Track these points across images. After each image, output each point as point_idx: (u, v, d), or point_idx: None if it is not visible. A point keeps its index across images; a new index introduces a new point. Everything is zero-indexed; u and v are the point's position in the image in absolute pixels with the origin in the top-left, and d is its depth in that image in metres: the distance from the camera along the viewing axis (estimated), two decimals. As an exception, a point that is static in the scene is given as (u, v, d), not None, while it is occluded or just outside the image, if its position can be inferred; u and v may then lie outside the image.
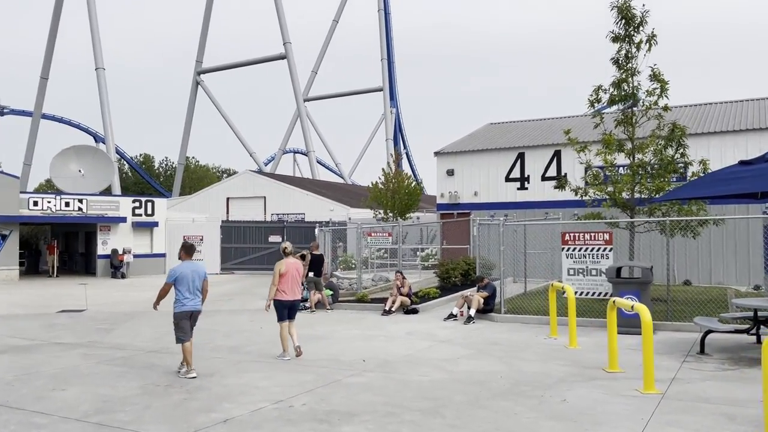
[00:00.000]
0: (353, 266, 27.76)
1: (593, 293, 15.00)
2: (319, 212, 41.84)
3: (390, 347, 12.65)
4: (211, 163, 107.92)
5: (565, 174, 23.76)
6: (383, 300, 19.25)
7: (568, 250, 15.37)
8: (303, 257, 22.43)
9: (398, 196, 31.61)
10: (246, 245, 33.58)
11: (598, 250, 15.01)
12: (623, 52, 16.88)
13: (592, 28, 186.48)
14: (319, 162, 74.71)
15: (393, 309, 17.32)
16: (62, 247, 37.10)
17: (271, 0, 68.42)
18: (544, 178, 24.04)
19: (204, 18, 73.23)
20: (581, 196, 17.52)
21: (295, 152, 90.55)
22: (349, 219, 31.23)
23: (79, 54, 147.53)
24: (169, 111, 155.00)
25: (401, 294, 17.71)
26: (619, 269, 13.93)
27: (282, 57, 68.45)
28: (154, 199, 33.39)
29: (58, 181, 32.91)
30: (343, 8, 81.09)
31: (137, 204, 32.42)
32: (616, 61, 17.09)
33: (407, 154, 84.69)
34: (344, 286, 22.28)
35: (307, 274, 18.26)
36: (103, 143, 62.83)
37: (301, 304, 19.05)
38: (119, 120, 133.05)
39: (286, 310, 11.17)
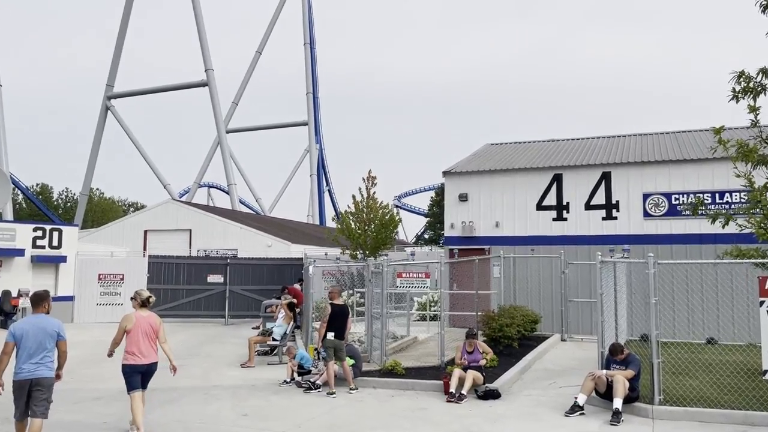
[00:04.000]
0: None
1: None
2: (254, 248, 34.66)
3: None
4: (116, 195, 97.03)
5: (617, 202, 18.10)
6: (422, 371, 12.71)
7: (773, 304, 9.36)
8: (292, 307, 15.50)
9: (371, 228, 25.09)
10: (179, 286, 25.86)
11: (824, 304, 9.09)
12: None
13: (503, 77, 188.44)
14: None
15: (464, 391, 10.72)
16: (-65, 286, 27.83)
17: (192, 25, 61.42)
18: (588, 207, 18.23)
19: (117, 39, 64.59)
20: (723, 224, 11.67)
21: (209, 186, 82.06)
22: (326, 254, 24.43)
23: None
24: (72, 138, 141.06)
25: (471, 366, 11.20)
26: None
27: (203, 84, 61.23)
28: (62, 227, 25.22)
29: (-67, 202, 24.29)
30: (267, 40, 74.42)
31: (40, 233, 24.19)
32: (777, 31, 11.50)
33: (330, 191, 78.19)
34: None
35: (326, 335, 11.37)
36: (-4, 168, 52.69)
37: (305, 380, 12.15)
38: (13, 146, 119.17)
39: (139, 377, 8.50)
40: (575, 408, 9.64)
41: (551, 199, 18.62)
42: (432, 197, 60.97)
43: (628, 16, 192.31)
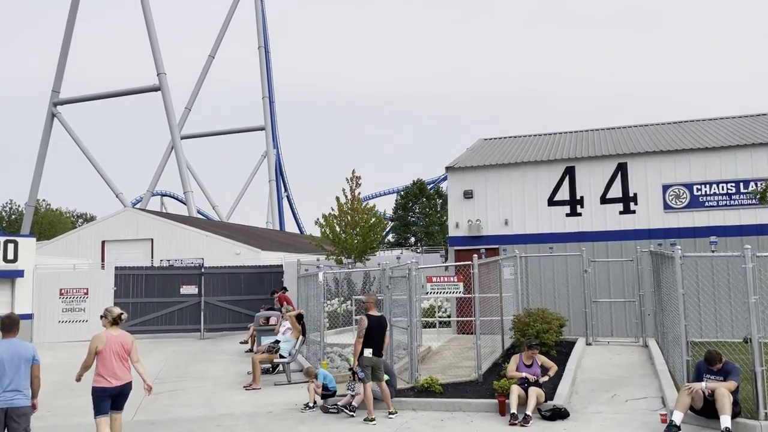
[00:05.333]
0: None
1: None
2: (221, 256, 32.36)
3: None
4: (64, 206, 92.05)
5: (635, 194, 16.85)
6: (460, 387, 11.11)
7: None
8: (300, 319, 13.64)
9: (359, 230, 23.40)
10: (149, 299, 23.56)
11: None
12: None
13: (457, 81, 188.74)
14: (185, 204, 63.23)
15: (529, 412, 9.13)
16: None
17: (143, 28, 58.58)
18: (604, 200, 16.93)
19: (63, 42, 61.03)
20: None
21: (163, 195, 78.52)
22: (318, 259, 22.50)
23: None
24: (16, 147, 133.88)
25: (531, 382, 9.64)
26: None
27: (155, 89, 58.28)
28: (17, 238, 22.62)
29: None
30: (220, 43, 71.68)
31: (-8, 246, 21.60)
32: None
33: (288, 197, 75.79)
34: (338, 363, 13.77)
35: (362, 352, 9.61)
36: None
37: (332, 404, 10.38)
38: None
39: (109, 401, 7.56)
40: (672, 428, 8.15)
41: (564, 194, 17.25)
42: (397, 200, 59.40)
43: (575, 20, 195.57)
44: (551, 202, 17.32)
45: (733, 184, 15.95)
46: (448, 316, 18.22)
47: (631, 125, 21.43)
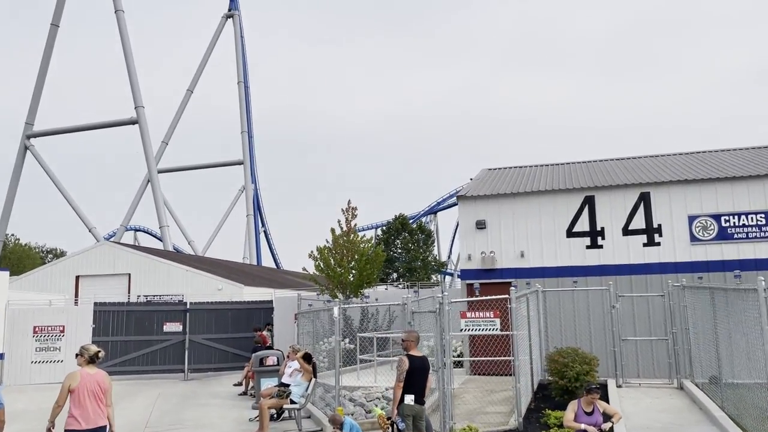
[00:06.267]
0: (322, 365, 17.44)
1: None
2: (203, 291, 30.73)
3: None
4: (33, 241, 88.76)
5: (659, 225, 15.82)
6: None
7: None
8: (308, 358, 12.16)
9: (355, 264, 22.02)
10: (130, 338, 21.73)
11: None
12: None
13: (427, 117, 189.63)
14: (160, 239, 60.83)
15: (598, 468, 7.82)
16: None
17: (121, 61, 57.05)
18: (626, 232, 15.86)
19: (38, 74, 59.32)
20: None
21: (136, 230, 76.19)
22: (318, 295, 20.97)
23: None
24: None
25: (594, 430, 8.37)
26: None
27: (133, 122, 56.77)
28: (-13, 272, 20.77)
29: None
30: (199, 78, 70.48)
31: (-40, 279, 19.76)
32: None
33: (266, 232, 74.00)
34: (351, 409, 12.36)
35: (402, 398, 8.21)
36: None
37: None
38: None
39: None
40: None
41: (583, 225, 16.16)
42: (378, 236, 58.20)
43: (542, 61, 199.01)
44: (570, 233, 16.20)
45: (763, 216, 15.04)
46: (459, 356, 16.86)
47: (645, 156, 20.60)
